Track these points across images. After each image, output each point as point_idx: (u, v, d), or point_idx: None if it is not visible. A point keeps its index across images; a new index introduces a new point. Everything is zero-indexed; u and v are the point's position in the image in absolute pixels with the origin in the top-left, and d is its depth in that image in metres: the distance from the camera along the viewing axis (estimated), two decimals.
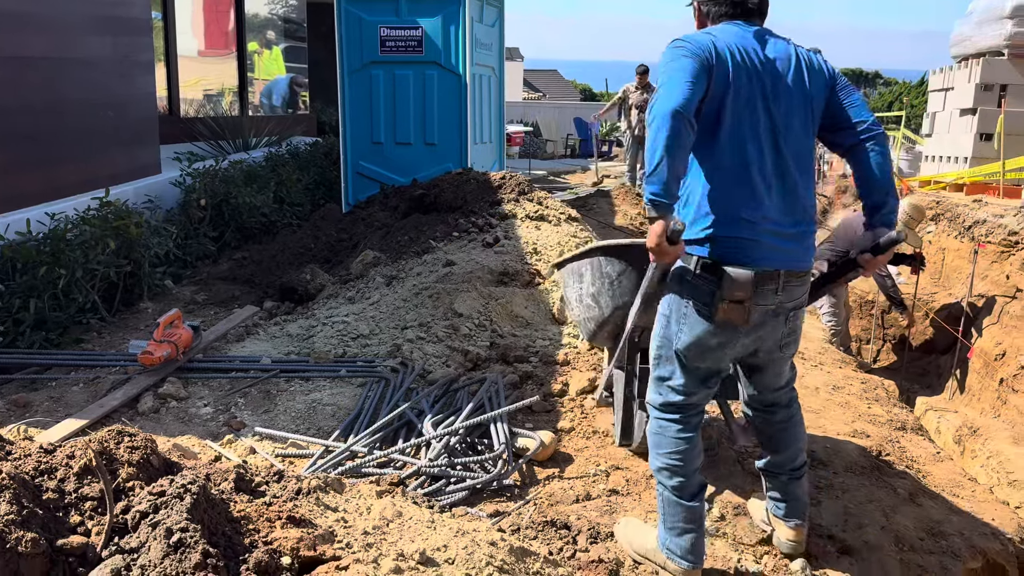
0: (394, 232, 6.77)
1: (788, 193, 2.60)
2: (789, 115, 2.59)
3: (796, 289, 2.64)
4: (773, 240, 2.56)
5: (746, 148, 2.55)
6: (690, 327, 2.62)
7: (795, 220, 2.61)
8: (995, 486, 5.50)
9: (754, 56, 2.57)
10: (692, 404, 2.73)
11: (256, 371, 4.41)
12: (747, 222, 2.54)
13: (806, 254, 2.65)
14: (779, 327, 2.66)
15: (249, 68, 12.64)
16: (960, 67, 9.86)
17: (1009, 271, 7.11)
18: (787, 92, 2.59)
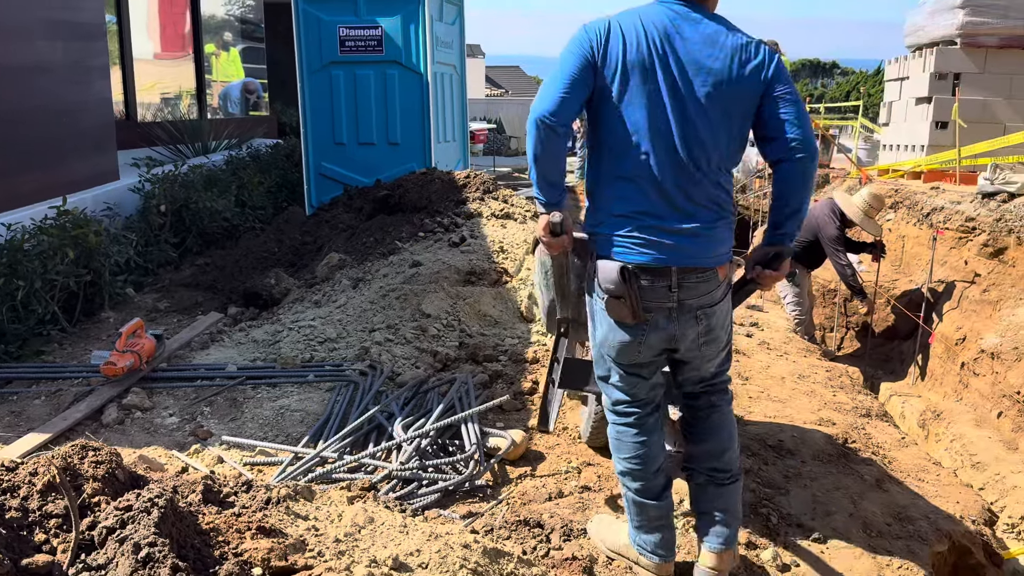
0: (359, 234, 6.73)
1: (681, 189, 2.47)
2: (698, 108, 2.43)
3: (699, 285, 2.51)
4: (658, 236, 2.47)
5: (629, 142, 2.47)
6: (599, 323, 2.63)
7: (688, 215, 2.48)
8: (959, 469, 5.61)
9: (663, 42, 2.43)
10: (640, 401, 2.69)
11: (222, 379, 4.36)
12: (622, 217, 2.50)
13: (704, 250, 2.49)
14: (689, 325, 2.54)
15: (207, 70, 12.49)
16: (915, 57, 10.02)
17: (967, 256, 7.25)
18: (700, 83, 2.43)
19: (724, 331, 2.65)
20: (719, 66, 2.43)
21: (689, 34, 2.45)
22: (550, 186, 2.54)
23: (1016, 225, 6.90)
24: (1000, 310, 6.67)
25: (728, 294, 2.64)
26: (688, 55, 2.43)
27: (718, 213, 2.53)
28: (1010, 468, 5.47)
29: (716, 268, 2.53)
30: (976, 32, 9.14)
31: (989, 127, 9.04)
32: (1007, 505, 5.21)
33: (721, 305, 2.60)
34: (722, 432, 2.73)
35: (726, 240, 2.58)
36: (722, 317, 2.61)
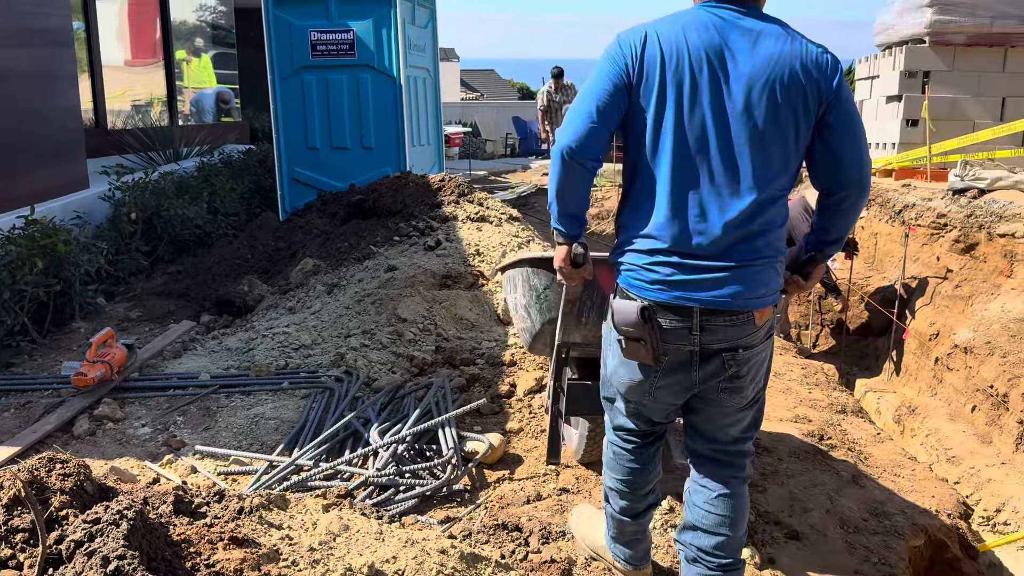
0: (333, 239, 6.68)
1: (716, 218, 2.19)
2: (747, 129, 2.16)
3: (727, 330, 2.21)
4: (682, 273, 2.20)
5: (663, 167, 2.22)
6: (612, 356, 2.41)
7: (724, 250, 2.19)
8: (935, 463, 5.67)
9: (708, 55, 2.17)
10: (642, 432, 2.50)
11: (195, 388, 4.31)
12: (645, 252, 2.25)
13: (739, 290, 2.19)
14: (714, 370, 2.26)
15: (178, 77, 12.38)
16: (884, 55, 10.12)
17: (939, 252, 7.32)
18: (743, 101, 2.16)
19: (756, 379, 2.33)
20: (774, 84, 2.15)
21: (738, 44, 2.18)
22: (570, 219, 2.36)
23: (987, 221, 6.98)
24: (972, 305, 6.75)
25: (770, 337, 2.34)
26: (736, 69, 2.16)
27: (767, 249, 2.23)
28: (984, 461, 5.52)
29: (752, 312, 2.22)
30: (944, 30, 9.24)
31: (959, 124, 9.15)
32: (982, 498, 5.26)
33: (757, 350, 2.28)
34: (715, 507, 2.39)
35: (769, 281, 2.25)
36: (755, 366, 2.30)
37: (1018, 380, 5.58)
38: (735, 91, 2.16)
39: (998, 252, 6.78)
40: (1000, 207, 6.97)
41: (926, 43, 9.38)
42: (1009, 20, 9.15)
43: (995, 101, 9.35)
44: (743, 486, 2.43)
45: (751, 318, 2.22)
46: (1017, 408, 5.49)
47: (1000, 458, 5.52)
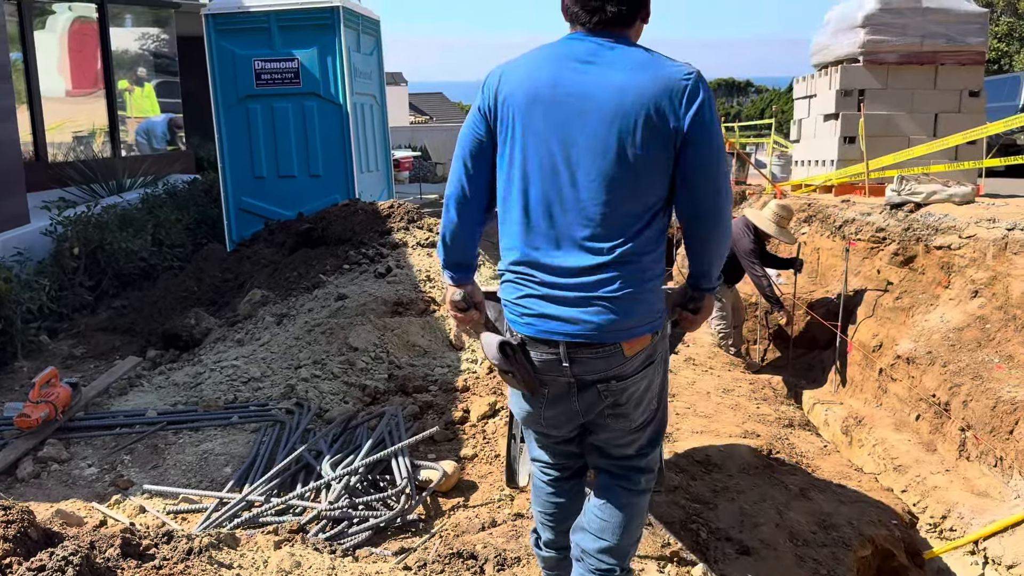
0: (282, 269, 6.63)
1: (575, 252, 2.19)
2: (591, 159, 2.16)
3: (596, 362, 2.21)
4: (547, 306, 2.21)
5: (516, 199, 2.25)
6: (510, 387, 2.43)
7: (585, 283, 2.18)
8: (882, 473, 5.79)
9: (559, 87, 2.17)
10: (555, 465, 2.52)
11: (142, 425, 4.24)
12: (513, 283, 2.29)
13: (603, 322, 2.18)
14: (593, 400, 2.27)
15: (121, 106, 12.22)
16: (821, 75, 10.40)
17: (879, 266, 7.52)
18: (595, 132, 2.14)
19: (641, 405, 2.34)
20: (624, 110, 2.13)
21: (594, 74, 2.16)
22: (455, 266, 2.44)
23: (923, 233, 7.20)
24: (913, 316, 6.94)
25: (653, 363, 2.32)
26: (589, 100, 2.15)
27: (625, 281, 2.18)
28: (929, 469, 5.66)
29: (620, 343, 2.20)
30: (877, 50, 9.53)
31: (894, 140, 9.43)
32: (928, 505, 5.39)
33: (633, 379, 2.27)
34: (602, 513, 2.41)
35: (636, 312, 2.20)
36: (635, 393, 2.30)
37: (959, 388, 5.74)
38: (586, 125, 2.15)
39: (935, 264, 6.99)
40: (936, 220, 7.19)
41: (860, 62, 9.66)
42: (938, 39, 9.48)
43: (928, 117, 9.66)
44: (636, 497, 2.44)
45: (619, 349, 2.20)
46: (959, 416, 5.64)
47: (944, 465, 5.66)
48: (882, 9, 9.41)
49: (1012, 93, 13.85)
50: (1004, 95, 13.83)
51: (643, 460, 2.44)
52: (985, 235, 6.57)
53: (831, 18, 10.42)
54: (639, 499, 2.45)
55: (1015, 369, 5.67)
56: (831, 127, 9.96)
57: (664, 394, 2.46)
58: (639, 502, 2.45)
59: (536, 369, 2.24)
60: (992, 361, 5.85)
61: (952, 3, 9.73)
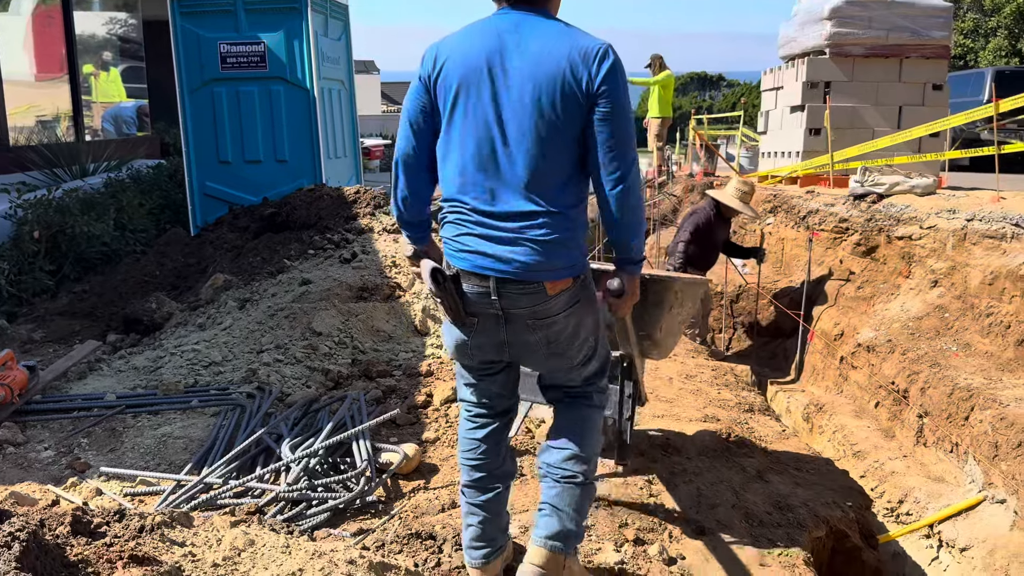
0: (245, 253, 6.58)
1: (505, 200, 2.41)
2: (517, 120, 2.39)
3: (521, 297, 2.44)
4: (477, 244, 2.44)
5: (454, 156, 2.48)
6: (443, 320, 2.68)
7: (515, 230, 2.41)
8: (841, 458, 5.88)
9: (487, 57, 2.40)
10: (482, 404, 2.70)
11: (100, 409, 4.19)
12: (452, 223, 2.51)
13: (528, 262, 2.40)
14: (525, 334, 2.50)
15: (86, 91, 12.03)
16: (788, 67, 10.49)
17: (842, 256, 7.62)
18: (518, 95, 2.38)
19: (574, 344, 2.55)
20: (542, 74, 2.36)
21: (514, 44, 2.40)
22: (408, 226, 2.65)
23: (885, 224, 7.30)
24: (874, 305, 7.04)
25: (578, 303, 2.51)
26: (512, 67, 2.39)
27: (551, 229, 2.41)
28: (887, 455, 5.77)
29: (543, 283, 2.42)
30: (843, 42, 9.63)
31: (859, 132, 9.54)
32: (886, 490, 5.49)
33: (562, 316, 2.48)
34: (572, 442, 2.64)
35: (558, 256, 2.43)
36: (567, 329, 2.51)
37: (917, 376, 5.84)
38: (512, 86, 2.40)
39: (897, 254, 7.10)
40: (898, 211, 7.30)
41: (827, 55, 9.76)
42: (903, 32, 9.60)
43: (892, 109, 9.79)
44: (590, 411, 2.71)
45: (542, 288, 2.43)
46: (916, 403, 5.75)
47: (902, 451, 5.77)
48: (848, 2, 9.51)
49: (977, 88, 14.05)
50: (969, 90, 14.04)
51: (592, 386, 2.72)
52: (945, 226, 6.68)
53: (798, 10, 10.51)
54: (593, 412, 2.72)
55: (971, 357, 5.79)
56: (797, 119, 10.06)
57: (601, 334, 2.70)
58: (593, 415, 2.72)
59: (467, 300, 2.47)
60: (950, 349, 5.96)
61: None
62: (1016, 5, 20.38)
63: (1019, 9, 20.41)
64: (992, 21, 20.97)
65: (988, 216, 6.33)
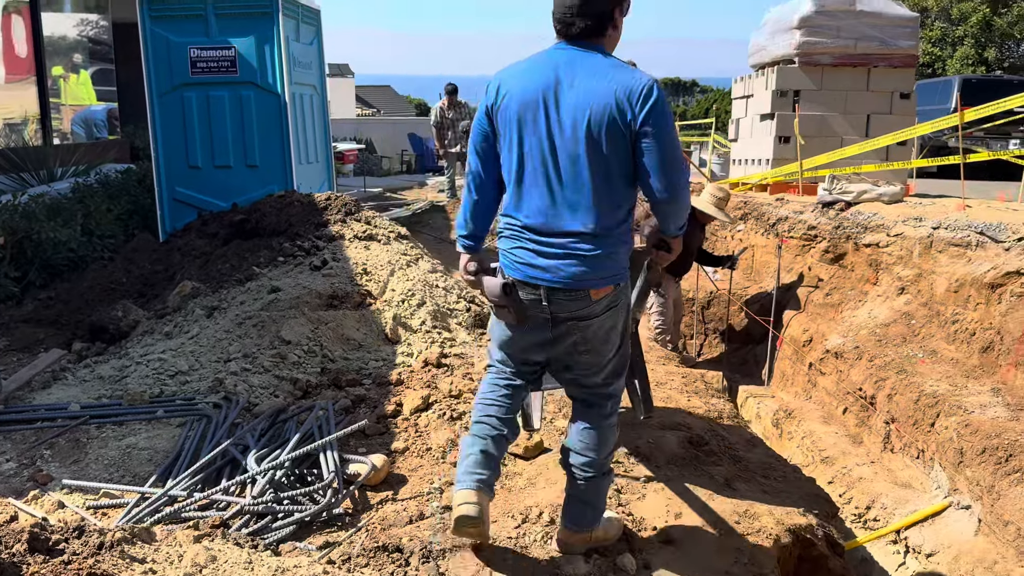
0: (214, 260, 6.51)
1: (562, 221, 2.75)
2: (568, 151, 2.71)
3: (569, 303, 2.78)
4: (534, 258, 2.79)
5: (515, 182, 2.82)
6: (492, 317, 3.04)
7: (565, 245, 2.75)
8: (810, 464, 5.93)
9: (542, 91, 2.71)
10: (500, 369, 3.06)
11: (64, 419, 4.12)
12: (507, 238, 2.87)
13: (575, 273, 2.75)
14: (565, 335, 2.85)
15: (55, 94, 11.87)
16: (758, 75, 10.57)
17: (811, 263, 7.69)
18: (570, 128, 2.69)
19: (605, 345, 2.91)
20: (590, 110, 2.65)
21: (568, 79, 2.69)
22: (470, 237, 3.03)
23: (853, 232, 7.38)
24: (842, 312, 7.11)
25: (616, 307, 2.86)
26: (565, 102, 2.68)
27: (598, 246, 2.74)
28: (855, 461, 5.82)
29: (588, 290, 2.76)
30: (812, 51, 9.73)
31: (827, 140, 9.63)
32: (854, 496, 5.54)
33: (599, 320, 2.83)
34: (589, 444, 2.97)
35: (604, 268, 2.77)
36: (600, 331, 2.86)
37: (884, 382, 5.91)
38: (564, 119, 2.70)
39: (864, 261, 7.18)
40: (865, 219, 7.38)
41: (796, 63, 9.85)
42: (872, 42, 9.71)
43: (860, 118, 9.89)
44: (606, 420, 3.02)
45: (587, 295, 2.77)
46: (884, 409, 5.81)
47: (869, 457, 5.82)
48: (817, 12, 9.60)
49: (944, 97, 14.24)
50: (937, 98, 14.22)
51: (609, 388, 3.02)
52: (912, 233, 6.77)
53: (768, 20, 10.61)
54: (608, 421, 3.03)
55: (937, 364, 5.86)
56: (767, 127, 10.14)
57: (626, 335, 3.02)
58: (608, 424, 3.03)
59: (522, 305, 2.82)
60: (916, 356, 6.03)
61: (885, 7, 9.97)
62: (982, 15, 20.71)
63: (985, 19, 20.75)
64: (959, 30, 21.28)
65: (954, 224, 6.42)
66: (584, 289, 2.76)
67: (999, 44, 21.29)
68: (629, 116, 2.64)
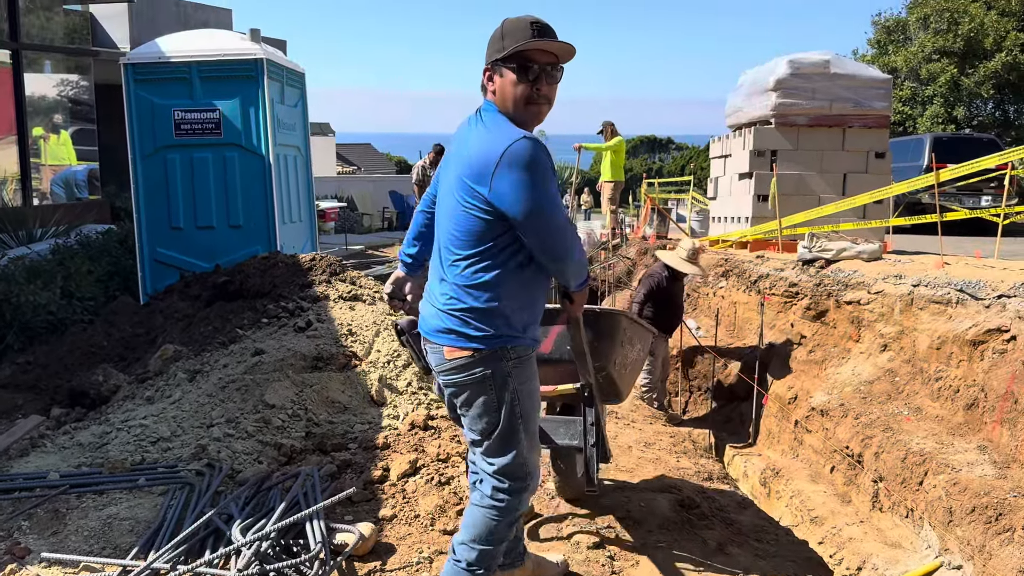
0: (196, 323, 6.46)
1: (438, 272, 2.80)
2: (445, 208, 2.77)
3: (432, 355, 2.80)
4: (424, 304, 2.87)
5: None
6: None
7: (437, 295, 2.77)
8: (799, 524, 5.87)
9: (453, 150, 2.79)
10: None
11: (42, 488, 4.02)
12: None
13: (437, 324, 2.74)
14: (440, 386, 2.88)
15: (35, 154, 11.86)
16: (735, 136, 10.76)
17: (793, 320, 7.73)
18: (447, 187, 2.76)
19: (472, 418, 2.78)
20: (459, 171, 2.67)
21: (460, 141, 2.75)
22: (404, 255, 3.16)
23: (834, 289, 7.44)
24: (826, 369, 7.13)
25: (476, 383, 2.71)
26: (453, 162, 2.75)
27: (460, 299, 2.70)
28: (844, 520, 5.77)
29: (441, 346, 2.73)
30: (788, 112, 9.92)
31: (805, 198, 9.77)
32: (844, 557, 5.47)
33: (462, 387, 2.74)
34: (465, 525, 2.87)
35: (456, 325, 2.69)
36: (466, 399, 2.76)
37: (871, 440, 5.89)
38: (447, 183, 2.78)
39: (846, 318, 7.22)
40: (846, 276, 7.45)
41: (772, 124, 10.04)
42: (846, 103, 9.93)
43: (837, 177, 10.05)
44: (476, 507, 2.84)
45: (441, 350, 2.74)
46: (871, 467, 5.78)
47: (859, 516, 5.78)
48: (792, 74, 9.82)
49: (916, 154, 14.56)
50: (909, 156, 14.53)
51: (489, 466, 2.79)
52: (892, 291, 6.83)
53: (744, 81, 10.83)
54: (479, 510, 2.82)
55: (923, 421, 5.86)
56: (745, 185, 10.28)
57: (511, 423, 2.75)
58: (478, 512, 2.82)
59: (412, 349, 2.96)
60: (901, 413, 6.03)
61: (858, 69, 10.22)
62: (950, 75, 21.28)
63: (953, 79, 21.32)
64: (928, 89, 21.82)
65: (933, 282, 6.49)
66: (438, 344, 2.75)
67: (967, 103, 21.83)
68: (485, 176, 2.59)
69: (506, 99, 2.67)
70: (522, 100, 2.65)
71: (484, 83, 2.74)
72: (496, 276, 2.67)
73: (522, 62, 2.62)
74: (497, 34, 2.66)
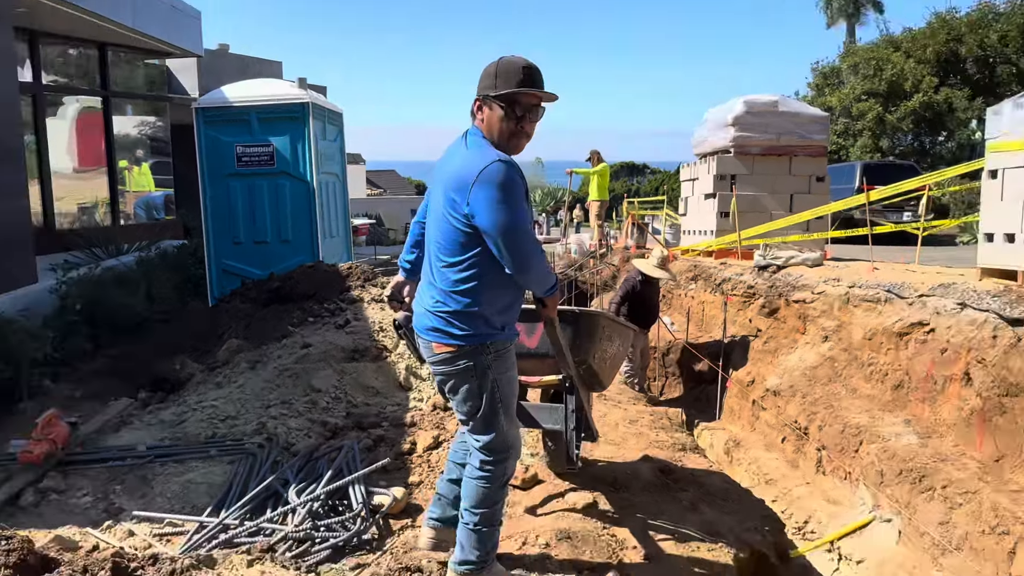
0: (255, 321, 6.48)
1: (431, 279, 2.71)
2: (434, 221, 2.68)
3: (423, 348, 2.72)
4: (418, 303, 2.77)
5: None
6: None
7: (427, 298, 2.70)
8: (756, 486, 5.87)
9: (440, 168, 2.69)
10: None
11: (132, 458, 4.05)
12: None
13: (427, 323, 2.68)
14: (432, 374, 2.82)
15: (121, 182, 11.93)
16: (701, 162, 10.76)
17: (751, 316, 7.74)
18: (436, 203, 2.67)
19: (457, 401, 2.73)
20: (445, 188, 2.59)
21: (446, 161, 2.67)
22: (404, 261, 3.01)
23: (784, 290, 7.45)
24: (777, 357, 7.13)
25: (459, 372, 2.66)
26: (438, 176, 2.67)
27: (445, 303, 2.63)
28: (794, 483, 5.78)
29: (431, 342, 2.67)
30: (745, 143, 9.91)
31: (759, 215, 9.75)
32: (793, 512, 5.49)
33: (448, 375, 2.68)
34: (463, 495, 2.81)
35: (442, 325, 2.64)
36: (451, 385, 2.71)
37: (815, 416, 5.91)
38: (436, 195, 2.68)
39: (794, 314, 7.23)
40: (794, 279, 7.46)
41: (732, 153, 10.03)
42: (792, 135, 9.92)
43: (785, 197, 10.03)
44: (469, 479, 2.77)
45: (430, 345, 2.69)
46: (815, 438, 5.80)
47: (805, 479, 5.79)
48: (748, 112, 9.82)
49: (849, 178, 14.55)
50: (844, 179, 14.51)
51: (476, 442, 2.75)
52: (832, 291, 6.84)
53: (709, 117, 10.83)
54: (472, 480, 2.76)
55: (858, 400, 5.87)
56: (710, 204, 10.27)
57: (492, 407, 2.70)
58: (471, 482, 2.76)
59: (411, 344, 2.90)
60: (840, 393, 6.04)
61: (801, 108, 10.23)
62: (876, 112, 21.27)
63: (879, 115, 21.31)
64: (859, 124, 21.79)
65: (866, 284, 6.50)
66: (427, 340, 2.69)
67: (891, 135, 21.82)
68: (464, 197, 2.51)
69: (492, 129, 2.59)
70: (507, 133, 2.58)
71: (474, 110, 2.63)
72: (476, 284, 2.60)
73: (511, 102, 2.55)
74: (491, 70, 2.57)
